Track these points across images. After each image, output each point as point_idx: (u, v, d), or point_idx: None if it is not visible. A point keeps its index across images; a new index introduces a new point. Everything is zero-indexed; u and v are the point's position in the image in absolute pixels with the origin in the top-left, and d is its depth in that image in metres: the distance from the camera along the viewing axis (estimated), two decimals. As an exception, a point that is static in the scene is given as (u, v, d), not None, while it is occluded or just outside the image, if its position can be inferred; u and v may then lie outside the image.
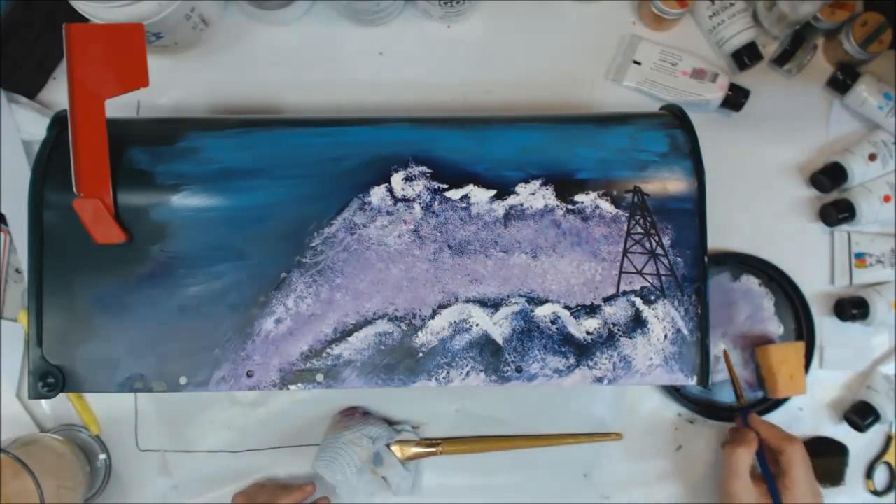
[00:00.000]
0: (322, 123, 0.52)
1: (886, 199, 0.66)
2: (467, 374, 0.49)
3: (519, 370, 0.49)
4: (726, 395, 0.66)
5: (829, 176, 0.66)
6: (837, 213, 0.66)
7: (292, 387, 0.48)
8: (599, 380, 0.50)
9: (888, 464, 0.68)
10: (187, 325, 0.48)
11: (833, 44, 0.67)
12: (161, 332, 0.48)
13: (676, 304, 0.50)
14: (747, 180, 0.68)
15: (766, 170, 0.68)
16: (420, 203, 0.50)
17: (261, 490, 0.62)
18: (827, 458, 0.67)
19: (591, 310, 0.50)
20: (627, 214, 0.50)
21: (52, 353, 0.48)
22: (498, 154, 0.51)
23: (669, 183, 0.51)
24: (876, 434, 0.68)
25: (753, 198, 0.68)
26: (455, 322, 0.49)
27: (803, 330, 0.67)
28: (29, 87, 0.63)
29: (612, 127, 0.52)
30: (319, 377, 0.49)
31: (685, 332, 0.50)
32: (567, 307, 0.50)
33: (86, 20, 0.53)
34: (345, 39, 0.65)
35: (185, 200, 0.49)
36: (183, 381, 0.48)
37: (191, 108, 0.64)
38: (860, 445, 0.68)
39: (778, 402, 0.66)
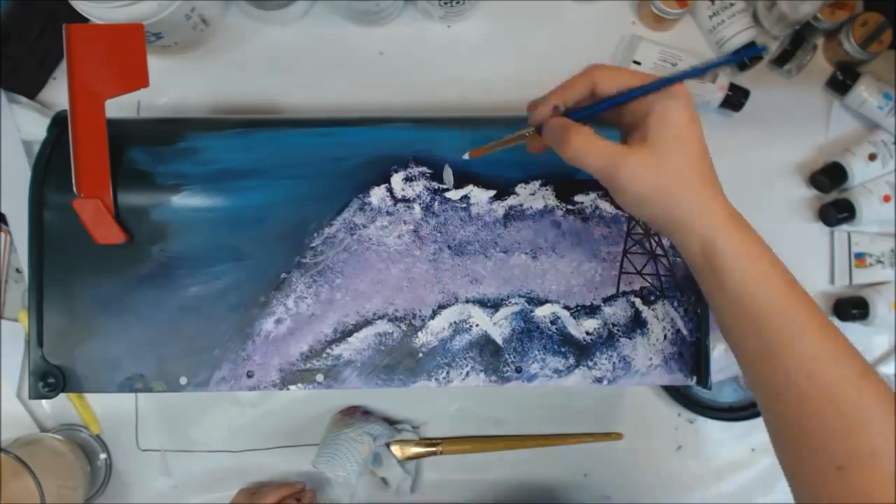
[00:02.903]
0: (322, 124, 0.52)
1: (886, 199, 0.66)
2: (467, 374, 0.49)
3: (519, 370, 0.49)
4: (726, 395, 0.66)
5: (829, 176, 0.66)
6: (837, 213, 0.66)
7: (292, 387, 0.48)
8: (599, 380, 0.50)
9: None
10: (187, 326, 0.48)
11: (833, 44, 0.67)
12: (161, 332, 0.48)
13: (676, 304, 0.50)
14: (747, 180, 0.67)
15: (766, 170, 0.68)
16: (420, 203, 0.50)
17: (264, 487, 0.62)
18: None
19: (591, 310, 0.50)
20: (627, 215, 0.50)
21: (52, 354, 0.48)
22: (498, 154, 0.51)
23: (669, 183, 0.51)
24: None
25: (753, 198, 0.67)
26: (455, 322, 0.49)
27: (803, 330, 0.67)
28: (29, 87, 0.63)
29: (612, 127, 0.52)
30: (319, 377, 0.49)
31: (685, 332, 0.50)
32: (567, 307, 0.50)
33: (86, 20, 0.53)
34: (345, 39, 0.65)
35: (185, 201, 0.49)
36: (183, 381, 0.48)
37: (191, 108, 0.64)
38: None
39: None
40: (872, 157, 0.66)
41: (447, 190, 0.50)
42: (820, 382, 0.36)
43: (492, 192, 0.50)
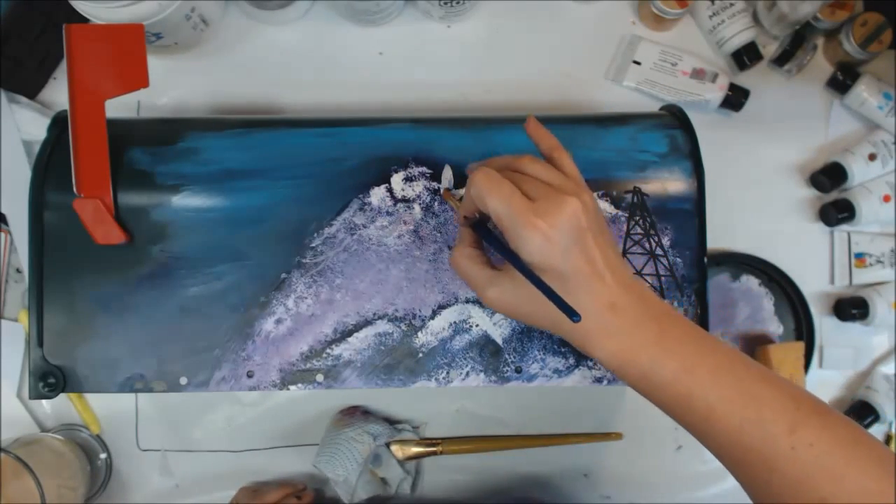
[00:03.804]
0: (322, 124, 0.52)
1: (886, 199, 0.66)
2: (467, 374, 0.49)
3: (518, 370, 0.49)
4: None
5: (829, 176, 0.66)
6: (837, 213, 0.66)
7: (292, 387, 0.48)
8: (599, 380, 0.50)
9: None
10: (188, 326, 0.48)
11: (833, 44, 0.67)
12: (161, 332, 0.48)
13: (676, 304, 0.50)
14: (747, 180, 0.68)
15: (766, 170, 0.68)
16: (420, 203, 0.50)
17: (264, 486, 0.62)
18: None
19: (591, 310, 0.50)
20: (627, 215, 0.50)
21: (52, 354, 0.48)
22: (498, 154, 0.51)
23: (669, 183, 0.51)
24: (875, 434, 0.68)
25: (753, 198, 0.68)
26: (455, 322, 0.49)
27: (803, 330, 0.67)
28: (29, 87, 0.63)
29: (611, 127, 0.52)
30: (319, 377, 0.49)
31: (685, 332, 0.50)
32: (567, 307, 0.50)
33: (86, 20, 0.53)
34: (345, 39, 0.65)
35: (185, 201, 0.49)
36: (183, 381, 0.48)
37: (191, 108, 0.64)
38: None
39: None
40: (872, 157, 0.66)
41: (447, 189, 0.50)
42: (751, 450, 0.37)
43: (492, 193, 0.50)
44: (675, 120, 0.54)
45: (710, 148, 0.52)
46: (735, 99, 0.65)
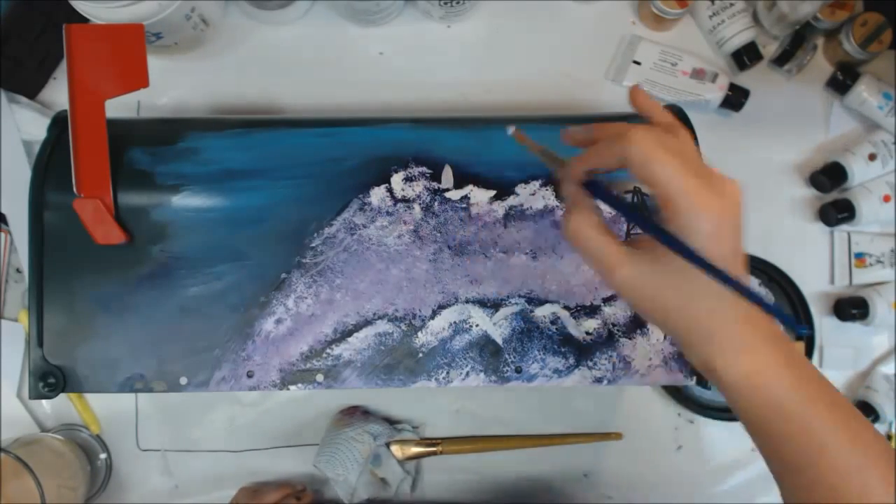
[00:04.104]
0: (322, 124, 0.52)
1: (886, 199, 0.66)
2: (467, 374, 0.49)
3: (519, 370, 0.49)
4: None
5: (829, 176, 0.66)
6: (837, 213, 0.66)
7: (292, 387, 0.48)
8: (599, 380, 0.50)
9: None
10: (188, 326, 0.48)
11: (833, 44, 0.67)
12: (161, 332, 0.48)
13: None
14: (747, 180, 0.66)
15: (766, 170, 0.68)
16: (420, 203, 0.50)
17: (264, 486, 0.62)
18: None
19: (591, 310, 0.50)
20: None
21: (52, 354, 0.48)
22: (498, 154, 0.51)
23: (669, 183, 0.51)
24: (875, 434, 0.68)
25: (753, 198, 0.67)
26: (455, 322, 0.49)
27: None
28: (29, 87, 0.63)
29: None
30: (319, 377, 0.49)
31: (685, 332, 0.50)
32: (567, 307, 0.50)
33: (86, 20, 0.53)
34: (345, 39, 0.65)
35: (185, 201, 0.49)
36: (183, 381, 0.48)
37: (191, 108, 0.64)
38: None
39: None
40: (872, 157, 0.66)
41: (447, 190, 0.50)
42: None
43: (492, 193, 0.50)
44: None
45: (710, 148, 0.52)
46: (735, 99, 0.65)
